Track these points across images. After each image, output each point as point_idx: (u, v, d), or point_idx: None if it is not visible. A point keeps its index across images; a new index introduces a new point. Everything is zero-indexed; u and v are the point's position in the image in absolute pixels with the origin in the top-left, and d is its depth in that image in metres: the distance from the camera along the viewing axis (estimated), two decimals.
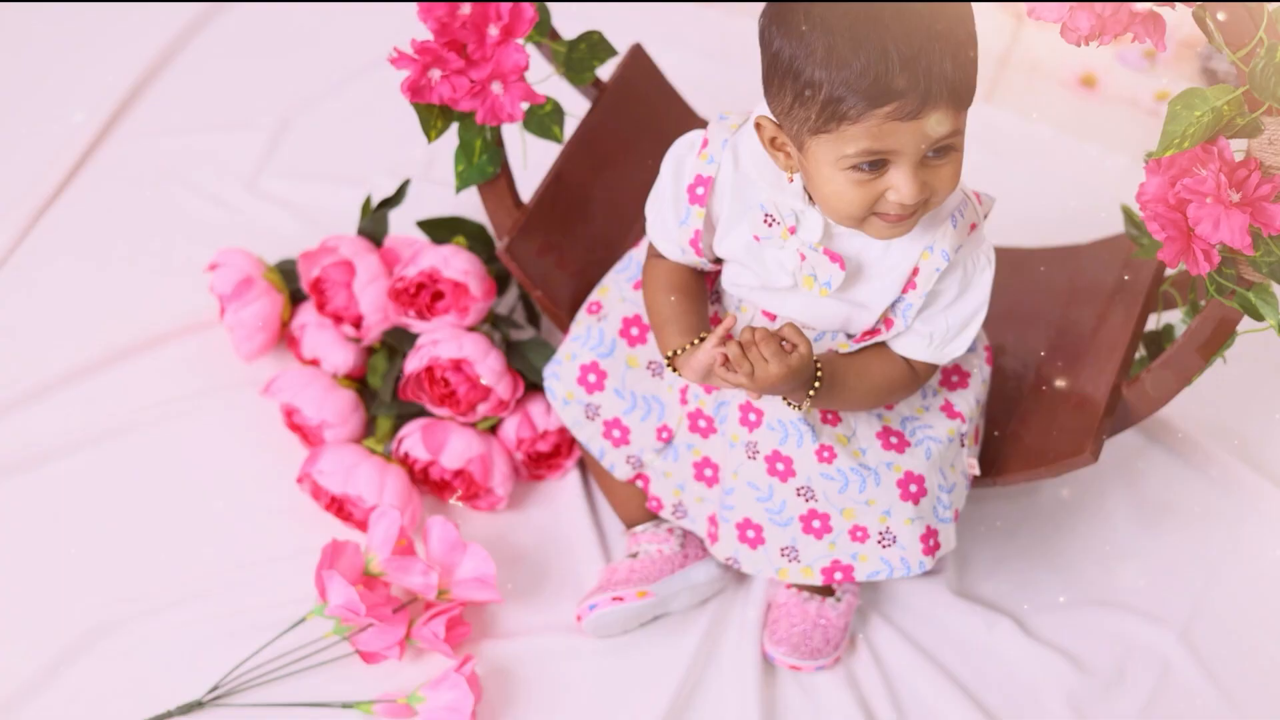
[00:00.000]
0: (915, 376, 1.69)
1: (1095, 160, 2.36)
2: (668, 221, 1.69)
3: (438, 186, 2.24)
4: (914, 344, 1.66)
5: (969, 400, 1.77)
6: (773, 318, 1.71)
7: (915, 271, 1.60)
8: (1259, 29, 1.39)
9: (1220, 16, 1.39)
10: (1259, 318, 1.58)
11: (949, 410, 1.76)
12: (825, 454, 1.70)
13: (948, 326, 1.64)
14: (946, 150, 1.50)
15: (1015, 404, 1.87)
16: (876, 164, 1.49)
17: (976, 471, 1.79)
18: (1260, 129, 1.47)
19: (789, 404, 1.65)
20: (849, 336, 1.69)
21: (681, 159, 1.68)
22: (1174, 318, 1.94)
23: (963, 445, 1.77)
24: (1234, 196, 1.47)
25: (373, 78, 2.43)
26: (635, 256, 1.84)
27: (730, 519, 1.78)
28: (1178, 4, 1.41)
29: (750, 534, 1.77)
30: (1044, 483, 2.01)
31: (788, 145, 1.54)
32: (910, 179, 1.49)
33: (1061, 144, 2.41)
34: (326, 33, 2.52)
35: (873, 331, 1.66)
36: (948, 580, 1.91)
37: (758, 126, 1.56)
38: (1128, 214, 1.90)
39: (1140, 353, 1.86)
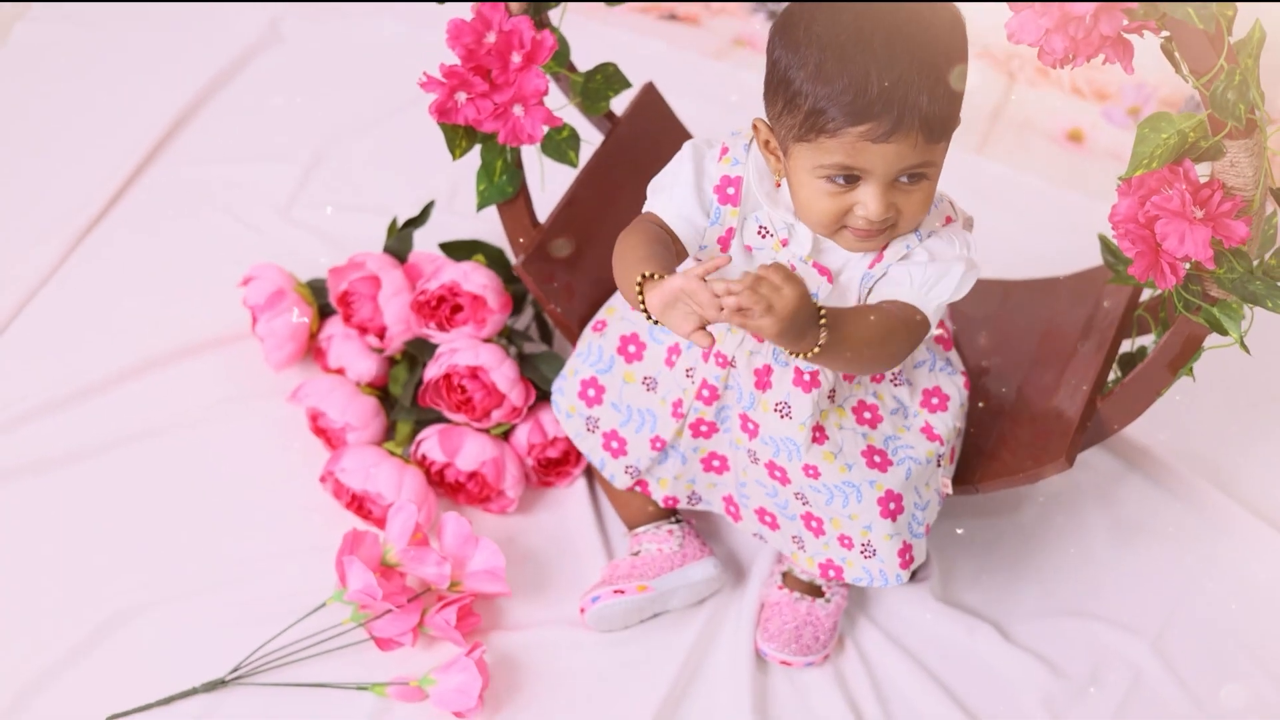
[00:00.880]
0: (908, 321, 1.63)
1: (1080, 208, 2.42)
2: (685, 198, 1.67)
3: (459, 217, 2.30)
4: (897, 284, 1.65)
5: (947, 424, 1.82)
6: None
7: (885, 246, 1.66)
8: (1220, 57, 1.47)
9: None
10: (1224, 332, 1.64)
11: (929, 433, 1.81)
12: (810, 472, 1.76)
13: (926, 274, 1.64)
14: (919, 177, 1.57)
15: (997, 418, 1.92)
16: (849, 178, 1.56)
17: (949, 490, 1.85)
18: (1222, 152, 1.54)
19: (797, 357, 1.54)
20: None
21: (702, 154, 1.70)
22: (1147, 341, 1.99)
23: (939, 466, 1.83)
24: (1198, 213, 1.54)
25: (399, 119, 2.50)
26: None
27: (749, 505, 1.85)
28: (1147, 32, 1.52)
29: (767, 519, 1.85)
30: (1025, 501, 2.06)
31: (778, 149, 1.62)
32: (878, 198, 1.56)
33: (1049, 193, 2.47)
34: (358, 76, 2.59)
35: None
36: (932, 588, 1.95)
37: (755, 128, 1.64)
38: (1104, 242, 1.95)
39: (1115, 374, 1.89)
